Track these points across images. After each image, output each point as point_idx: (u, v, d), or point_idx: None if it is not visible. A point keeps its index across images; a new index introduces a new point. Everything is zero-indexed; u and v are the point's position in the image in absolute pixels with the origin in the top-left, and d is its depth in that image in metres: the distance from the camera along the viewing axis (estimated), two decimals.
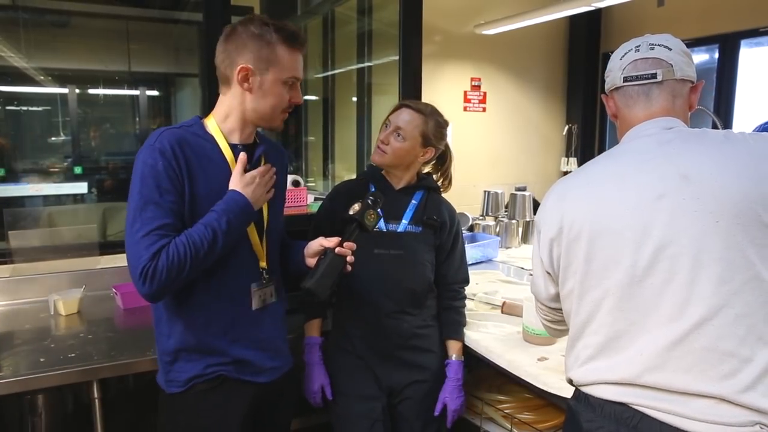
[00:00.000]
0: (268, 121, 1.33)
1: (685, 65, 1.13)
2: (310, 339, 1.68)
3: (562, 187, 1.17)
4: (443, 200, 1.83)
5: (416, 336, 1.68)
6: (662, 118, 1.11)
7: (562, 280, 1.14)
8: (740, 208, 0.95)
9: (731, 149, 1.01)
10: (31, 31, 4.04)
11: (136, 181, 1.21)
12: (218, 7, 2.29)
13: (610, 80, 1.17)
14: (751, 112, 3.86)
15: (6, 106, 4.55)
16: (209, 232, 1.22)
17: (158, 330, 1.35)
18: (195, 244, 1.20)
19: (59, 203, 3.95)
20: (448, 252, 1.76)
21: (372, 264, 1.61)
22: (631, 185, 1.04)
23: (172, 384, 1.32)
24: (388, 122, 1.68)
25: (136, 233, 1.18)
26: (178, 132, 1.27)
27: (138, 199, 1.19)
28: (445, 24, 4.27)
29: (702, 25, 3.99)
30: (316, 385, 1.64)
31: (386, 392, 1.68)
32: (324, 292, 1.33)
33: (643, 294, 1.01)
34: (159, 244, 1.18)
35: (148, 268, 1.16)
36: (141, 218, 1.18)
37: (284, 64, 1.28)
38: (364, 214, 1.39)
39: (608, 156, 1.14)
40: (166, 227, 1.20)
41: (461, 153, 4.54)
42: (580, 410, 1.11)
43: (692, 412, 0.96)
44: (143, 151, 1.23)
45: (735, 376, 0.94)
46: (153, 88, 5.02)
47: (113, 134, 5.03)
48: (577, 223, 1.09)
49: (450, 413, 1.68)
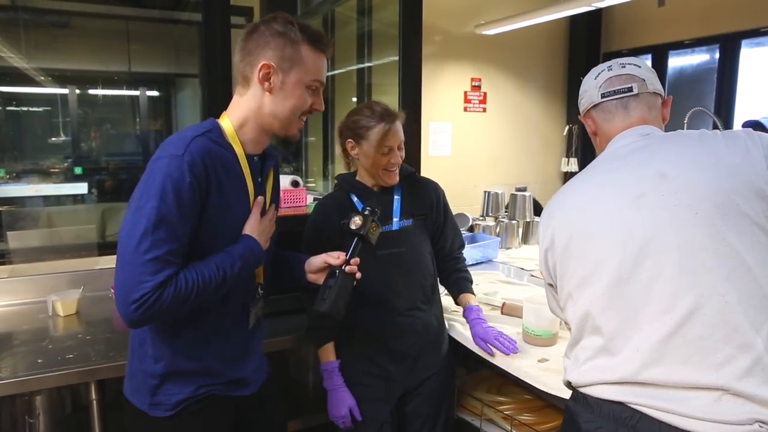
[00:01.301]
0: (286, 126, 1.24)
1: (655, 80, 1.21)
2: (329, 364, 1.64)
3: (552, 203, 1.23)
4: (421, 179, 1.81)
5: (428, 332, 1.69)
6: (639, 126, 1.17)
7: (560, 288, 1.18)
8: (718, 199, 0.99)
9: (704, 147, 1.05)
10: (32, 31, 4.04)
11: (153, 191, 1.08)
12: (218, 8, 2.28)
13: (587, 99, 1.25)
14: (752, 112, 3.85)
15: (6, 106, 4.55)
16: (220, 273, 1.15)
17: (141, 351, 1.24)
18: (204, 282, 1.13)
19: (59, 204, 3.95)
20: (441, 227, 1.79)
21: (378, 266, 1.60)
22: (609, 190, 1.09)
23: (158, 407, 1.23)
24: (389, 148, 1.61)
25: (143, 254, 1.06)
26: (204, 142, 1.16)
27: (153, 214, 1.07)
28: (445, 24, 4.27)
29: (702, 25, 3.98)
30: (345, 409, 1.60)
31: (400, 393, 1.67)
32: (340, 314, 1.32)
33: (632, 291, 1.03)
34: (166, 273, 1.07)
35: (150, 296, 1.06)
36: (152, 238, 1.07)
37: (308, 65, 1.21)
38: (368, 228, 1.38)
39: (589, 167, 1.20)
40: (175, 253, 1.10)
41: (461, 153, 4.56)
42: (578, 411, 1.11)
43: (691, 410, 0.96)
44: (168, 159, 1.11)
45: (731, 363, 0.95)
46: (153, 89, 5.03)
47: (113, 135, 5.03)
48: (565, 232, 1.14)
49: (499, 340, 1.63)
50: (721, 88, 3.98)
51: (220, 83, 2.31)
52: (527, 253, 2.93)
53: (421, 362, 1.68)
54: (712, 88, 4.05)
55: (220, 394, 1.28)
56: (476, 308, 1.75)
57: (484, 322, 1.70)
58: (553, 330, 1.67)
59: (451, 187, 1.82)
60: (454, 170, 4.41)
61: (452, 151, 4.44)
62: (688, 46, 4.20)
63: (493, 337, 1.64)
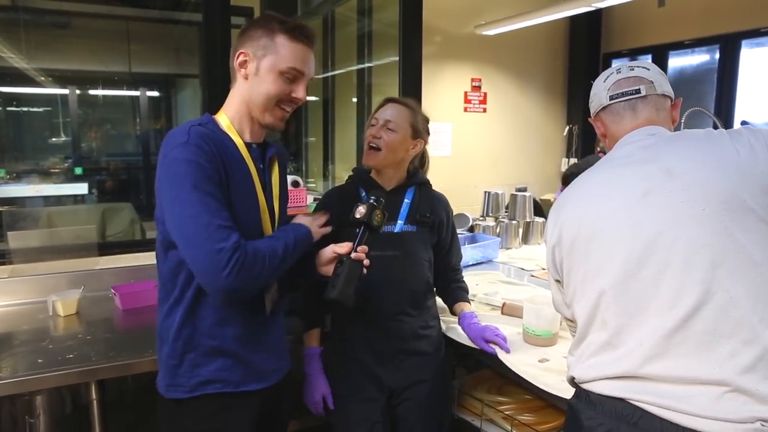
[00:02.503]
0: (262, 113, 1.27)
1: (664, 83, 1.22)
2: (310, 349, 1.66)
3: (560, 201, 1.25)
4: (435, 194, 1.80)
5: (417, 337, 1.67)
6: (647, 127, 1.18)
7: (566, 285, 1.19)
8: (725, 196, 0.99)
9: (710, 144, 1.06)
10: (32, 31, 4.05)
11: (181, 178, 1.14)
12: (218, 8, 2.29)
13: (596, 102, 1.27)
14: (752, 112, 3.86)
15: (7, 106, 4.56)
16: (280, 243, 1.25)
17: (165, 332, 1.29)
18: (270, 247, 1.22)
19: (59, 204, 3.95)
20: (449, 246, 1.79)
21: (370, 267, 1.60)
22: (617, 187, 1.11)
23: (178, 389, 1.27)
24: (375, 120, 1.65)
25: (207, 227, 1.12)
26: (203, 130, 1.21)
27: (193, 195, 1.13)
28: (446, 24, 4.27)
29: (703, 25, 3.98)
30: (318, 395, 1.62)
31: (387, 394, 1.67)
32: (349, 300, 1.33)
33: (639, 287, 1.03)
34: (234, 238, 1.14)
35: (234, 256, 1.12)
36: (207, 212, 1.13)
37: (283, 53, 1.24)
38: (372, 216, 1.39)
39: (597, 166, 1.21)
40: (230, 219, 1.17)
41: (461, 153, 4.56)
42: (581, 408, 1.11)
43: (693, 408, 0.96)
44: (179, 148, 1.16)
45: (734, 357, 0.96)
46: (153, 89, 5.03)
47: (114, 135, 5.04)
48: (573, 229, 1.15)
49: (498, 335, 1.64)
50: (721, 88, 3.98)
51: (220, 83, 2.32)
52: (527, 254, 2.93)
53: (408, 364, 1.66)
54: (712, 89, 4.05)
55: (236, 388, 1.30)
56: (470, 314, 1.75)
57: (478, 324, 1.71)
58: (554, 330, 1.67)
59: (451, 187, 1.82)
60: (454, 170, 4.41)
61: (452, 152, 4.45)
62: (688, 47, 4.20)
63: (494, 334, 1.64)
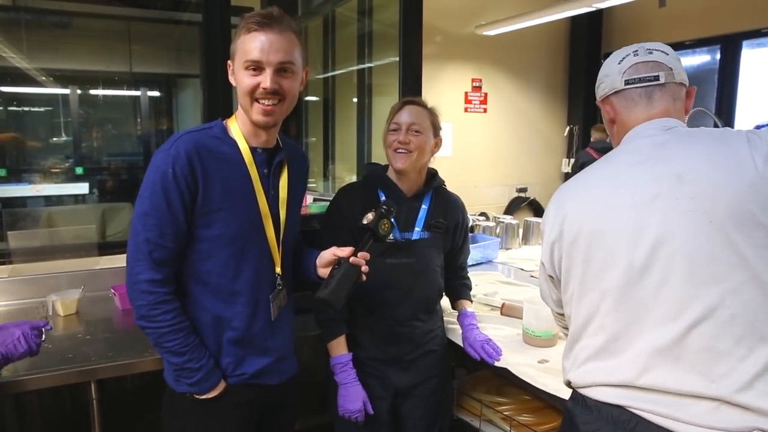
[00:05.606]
0: (248, 112, 1.28)
1: (681, 69, 1.14)
2: (341, 358, 1.60)
3: (563, 192, 1.18)
4: (451, 196, 1.78)
5: (427, 341, 1.68)
6: (661, 119, 1.11)
7: (564, 283, 1.15)
8: (734, 208, 0.95)
9: (726, 149, 1.00)
10: (33, 32, 4.05)
11: (146, 183, 1.21)
12: (218, 8, 2.29)
13: (608, 84, 1.16)
14: (753, 113, 3.85)
15: (8, 106, 4.56)
16: (180, 351, 1.25)
17: None
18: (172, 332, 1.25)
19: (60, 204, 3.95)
20: (460, 247, 1.79)
21: (384, 274, 1.59)
22: (626, 186, 1.05)
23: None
24: (396, 124, 1.61)
25: (141, 246, 1.21)
26: (196, 136, 1.26)
27: (146, 203, 1.21)
28: (446, 25, 4.27)
29: (703, 25, 3.98)
30: (358, 403, 1.57)
31: (392, 392, 1.67)
32: (339, 303, 1.32)
33: (640, 295, 1.01)
34: (163, 291, 1.23)
35: (146, 307, 1.22)
36: (143, 222, 1.21)
37: (242, 49, 1.24)
38: (378, 224, 1.38)
39: (605, 159, 1.15)
40: (166, 237, 1.22)
41: (462, 154, 4.56)
42: (577, 412, 1.10)
43: (690, 417, 0.95)
44: (159, 154, 1.23)
45: (731, 375, 0.94)
46: (154, 89, 5.03)
47: (114, 135, 5.03)
48: (575, 225, 1.10)
49: (484, 348, 1.65)
50: (722, 88, 3.98)
51: (220, 84, 2.31)
52: (527, 254, 2.93)
53: (416, 366, 1.67)
54: (713, 89, 4.05)
55: (245, 380, 1.33)
56: (471, 314, 1.75)
57: (476, 328, 1.70)
58: (554, 331, 1.67)
59: (452, 187, 1.81)
60: (455, 170, 4.40)
61: (453, 152, 4.44)
62: (689, 47, 4.20)
63: (480, 346, 1.65)
